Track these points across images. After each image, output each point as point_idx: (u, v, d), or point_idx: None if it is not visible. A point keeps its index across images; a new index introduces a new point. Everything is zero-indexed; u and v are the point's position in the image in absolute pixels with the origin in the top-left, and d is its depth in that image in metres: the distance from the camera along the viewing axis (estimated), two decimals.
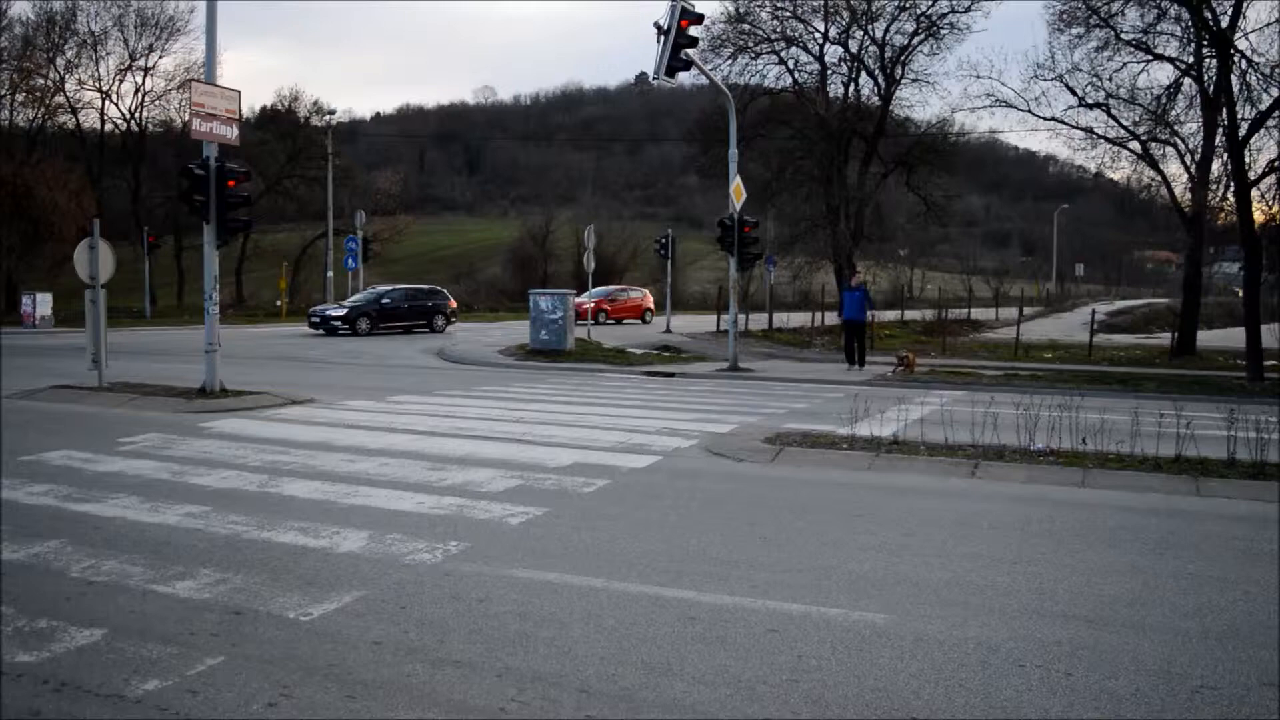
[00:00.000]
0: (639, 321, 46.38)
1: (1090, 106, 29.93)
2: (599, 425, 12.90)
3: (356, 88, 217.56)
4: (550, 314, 26.42)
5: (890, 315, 44.38)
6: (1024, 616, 5.50)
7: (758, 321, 38.95)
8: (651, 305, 48.38)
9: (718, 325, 38.75)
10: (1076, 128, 30.54)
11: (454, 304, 40.43)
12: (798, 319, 40.90)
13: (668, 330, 37.76)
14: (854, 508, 8.38)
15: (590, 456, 10.44)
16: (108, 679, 4.48)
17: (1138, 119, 29.59)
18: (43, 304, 41.18)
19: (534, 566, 6.29)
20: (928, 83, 35.55)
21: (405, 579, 6.03)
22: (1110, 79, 29.37)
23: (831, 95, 35.33)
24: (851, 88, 35.61)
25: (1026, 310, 44.71)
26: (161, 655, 4.76)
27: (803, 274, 41.24)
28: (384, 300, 37.48)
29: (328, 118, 59.35)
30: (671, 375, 21.75)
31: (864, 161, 34.92)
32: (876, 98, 35.16)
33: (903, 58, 34.08)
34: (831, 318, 35.86)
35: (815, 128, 33.95)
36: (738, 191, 22.33)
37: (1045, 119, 31.08)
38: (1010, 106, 30.93)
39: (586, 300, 39.94)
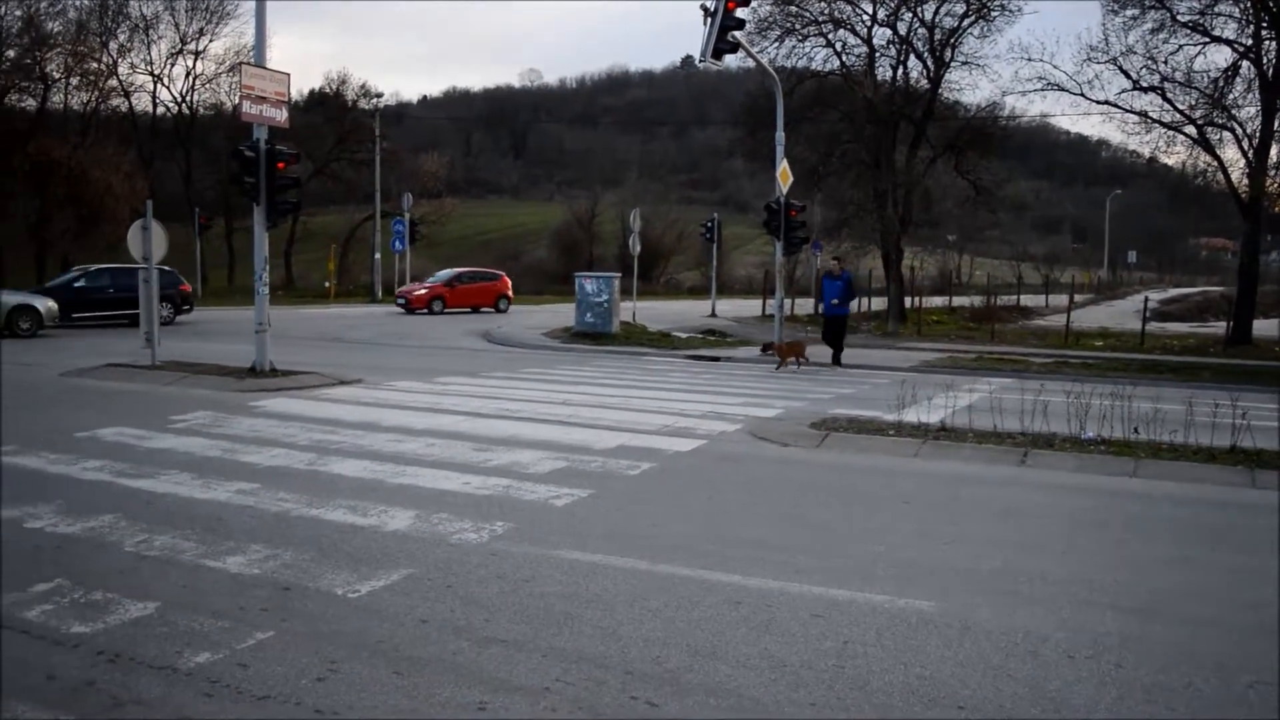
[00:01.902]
0: (492, 310, 39.92)
1: (1145, 90, 29.41)
2: (644, 408, 12.90)
3: (403, 71, 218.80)
4: (595, 297, 26.45)
5: (938, 301, 44.00)
6: (1073, 607, 5.44)
7: (803, 306, 38.71)
8: (509, 290, 41.83)
9: (763, 310, 38.64)
10: (1130, 112, 30.03)
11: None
12: None
13: (713, 314, 37.67)
14: (901, 494, 8.32)
15: (635, 439, 10.45)
16: (161, 651, 4.55)
17: (1194, 103, 29.02)
18: None
19: (579, 548, 6.30)
20: (978, 65, 35.12)
21: (451, 558, 6.07)
22: (1166, 62, 28.84)
23: (879, 78, 34.91)
24: (900, 71, 35.18)
25: (1077, 297, 44.15)
26: (213, 629, 4.83)
27: (849, 259, 40.94)
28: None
29: (375, 101, 59.67)
30: (716, 359, 21.70)
31: (912, 145, 34.49)
32: (925, 81, 34.69)
33: (952, 40, 33.57)
34: (879, 303, 35.58)
35: (863, 111, 33.57)
36: (784, 175, 22.19)
37: (1098, 103, 30.59)
38: (1062, 90, 30.47)
39: (418, 288, 39.49)
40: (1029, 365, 20.64)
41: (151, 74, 57.85)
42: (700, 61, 20.73)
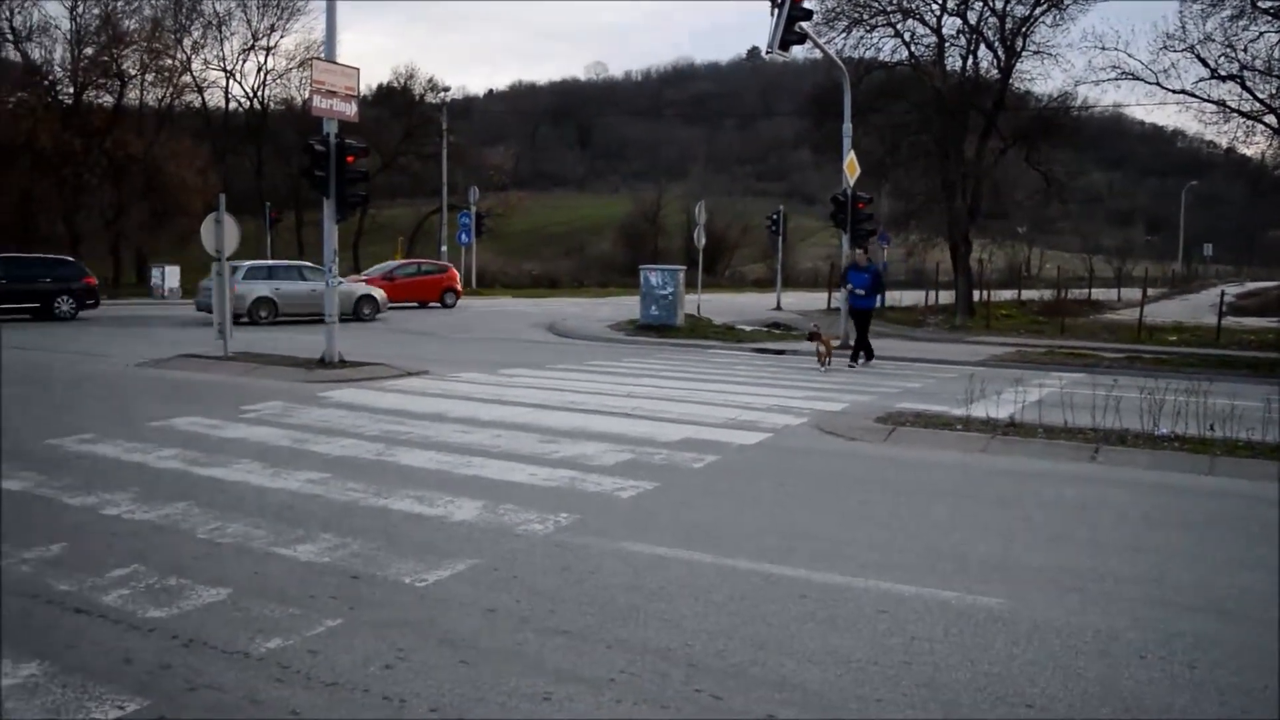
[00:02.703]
0: (438, 305, 36.85)
1: (1223, 78, 28.63)
2: (709, 401, 12.87)
3: (470, 65, 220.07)
4: (660, 289, 26.44)
5: (1007, 295, 43.36)
6: (1145, 606, 5.33)
7: None
8: (456, 284, 38.70)
9: (828, 303, 38.39)
10: (1208, 101, 29.27)
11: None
12: (911, 297, 40.25)
13: (778, 308, 37.49)
14: (969, 490, 8.22)
15: (700, 432, 10.43)
16: (233, 636, 4.63)
17: (1275, 91, 28.22)
18: (171, 276, 42.71)
19: (644, 540, 6.30)
20: (1050, 55, 34.30)
21: (518, 549, 6.10)
22: (1245, 49, 28.03)
23: (949, 68, 34.40)
24: (970, 60, 34.60)
25: (1150, 291, 43.21)
26: (283, 615, 4.91)
27: (917, 251, 40.55)
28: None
29: (442, 95, 60.38)
30: (781, 353, 21.59)
31: (982, 136, 33.93)
32: (996, 70, 34.09)
33: (1024, 29, 32.95)
34: (947, 296, 35.13)
35: (931, 102, 33.12)
36: (851, 167, 22.01)
37: (1174, 92, 29.80)
38: (1137, 79, 29.78)
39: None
40: (1100, 360, 20.26)
41: (224, 70, 59.10)
42: (767, 53, 20.63)
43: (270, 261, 31.15)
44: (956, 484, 8.46)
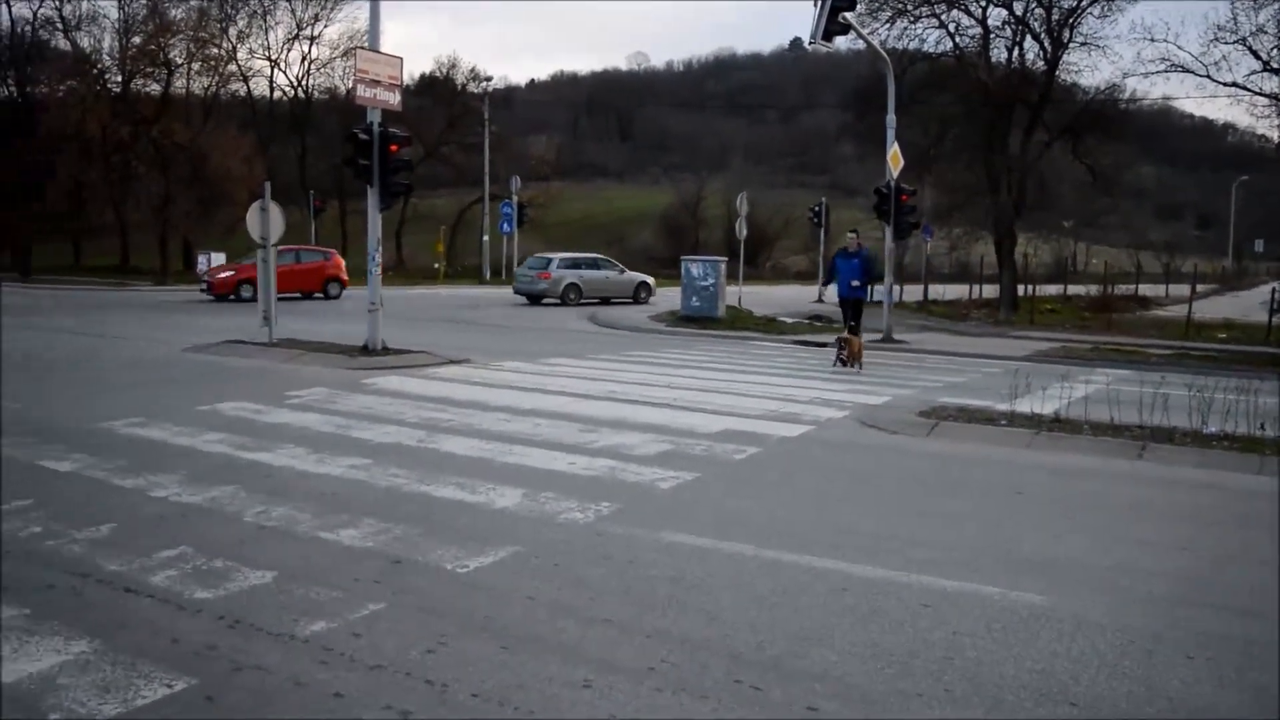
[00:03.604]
0: (321, 296, 33.45)
1: (1275, 71, 28.12)
2: (750, 393, 12.84)
3: (512, 55, 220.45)
4: (701, 281, 26.40)
5: (1052, 290, 42.85)
6: (1192, 607, 5.25)
7: (912, 293, 38.14)
8: (341, 273, 34.90)
9: (870, 296, 38.10)
10: (1260, 94, 28.71)
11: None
12: (954, 291, 39.89)
13: (820, 300, 37.23)
14: (1012, 486, 8.14)
15: (741, 424, 10.41)
16: (278, 618, 4.69)
17: None
18: (217, 263, 43.19)
19: (684, 530, 6.30)
20: (1097, 46, 33.68)
21: (558, 537, 6.12)
22: None
23: (994, 60, 34.00)
24: (1015, 52, 34.15)
25: (1199, 287, 42.53)
26: (327, 599, 4.96)
27: (960, 245, 40.09)
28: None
29: (484, 85, 60.63)
30: (823, 345, 21.42)
31: (1027, 129, 33.50)
32: (1042, 62, 33.60)
33: (1071, 20, 32.48)
34: (991, 290, 34.79)
35: (976, 94, 32.74)
36: (895, 159, 21.82)
37: (1225, 85, 29.24)
38: (1187, 71, 29.28)
39: (225, 270, 33.26)
40: (1147, 357, 20.00)
41: (269, 59, 59.63)
42: (810, 44, 20.51)
43: (575, 255, 36.64)
44: (1000, 480, 8.38)
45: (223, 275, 32.16)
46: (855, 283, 18.15)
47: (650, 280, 35.21)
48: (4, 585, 5.04)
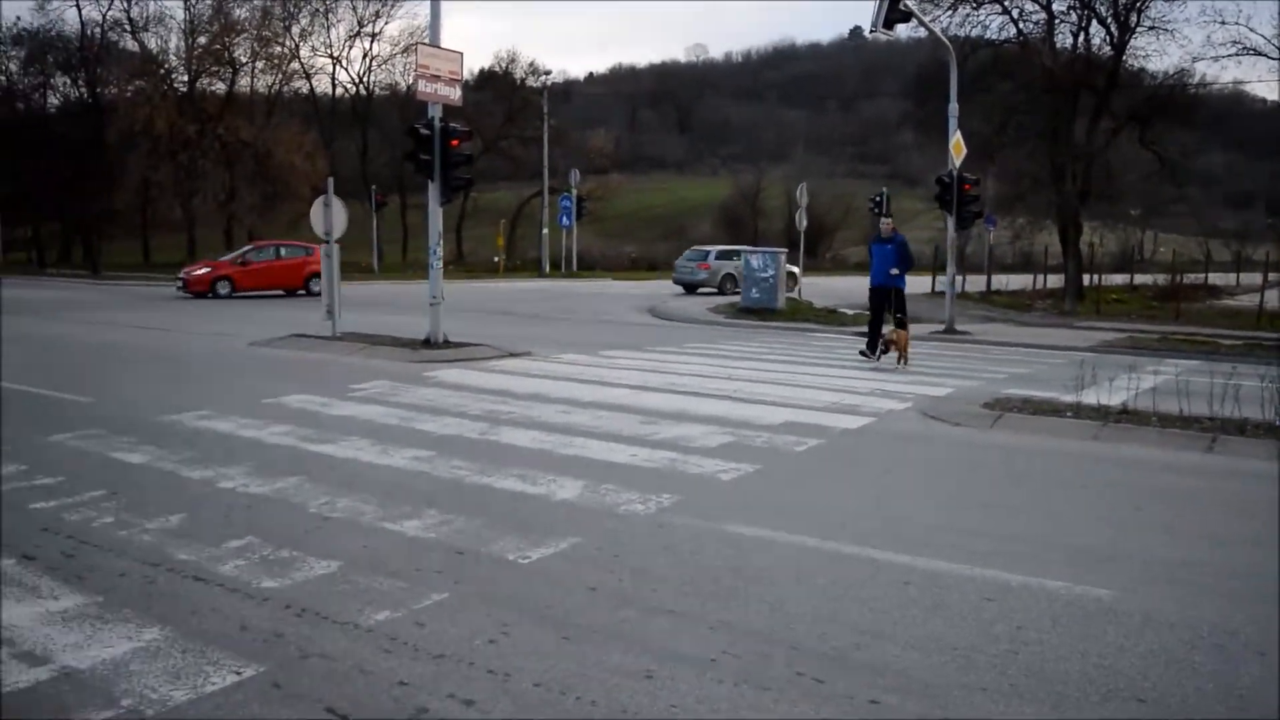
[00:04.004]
0: (303, 292, 31.29)
1: None
2: (811, 385, 12.76)
3: (571, 48, 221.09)
4: (761, 272, 26.29)
5: (1118, 279, 42.12)
6: (1266, 603, 5.10)
7: (974, 283, 37.68)
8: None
9: (932, 286, 37.70)
10: None
11: None
12: (1018, 281, 39.39)
13: None
14: (1078, 478, 8.01)
15: (802, 416, 10.35)
16: (343, 607, 4.74)
17: None
18: None
19: (746, 522, 6.28)
20: (1166, 30, 33.00)
21: (619, 528, 6.13)
22: None
23: (1059, 45, 33.45)
24: (1081, 37, 33.56)
25: (1272, 276, 41.53)
26: (391, 589, 5.01)
27: (1024, 234, 39.54)
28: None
29: (543, 79, 60.79)
30: (880, 338, 21.27)
31: (1093, 116, 32.87)
32: (1108, 47, 32.97)
33: (1138, 3, 31.83)
34: (1055, 280, 34.25)
35: (1041, 80, 32.20)
36: (957, 148, 21.54)
37: None
38: (1259, 54, 28.69)
39: (200, 267, 32.73)
40: (1218, 347, 19.56)
41: (331, 56, 60.61)
42: (870, 32, 20.34)
43: (729, 247, 39.75)
44: (1065, 472, 8.25)
45: (199, 272, 31.61)
46: (894, 270, 16.37)
47: (797, 270, 34.19)
48: (2, 544, 5.28)
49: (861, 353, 16.40)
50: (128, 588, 5.00)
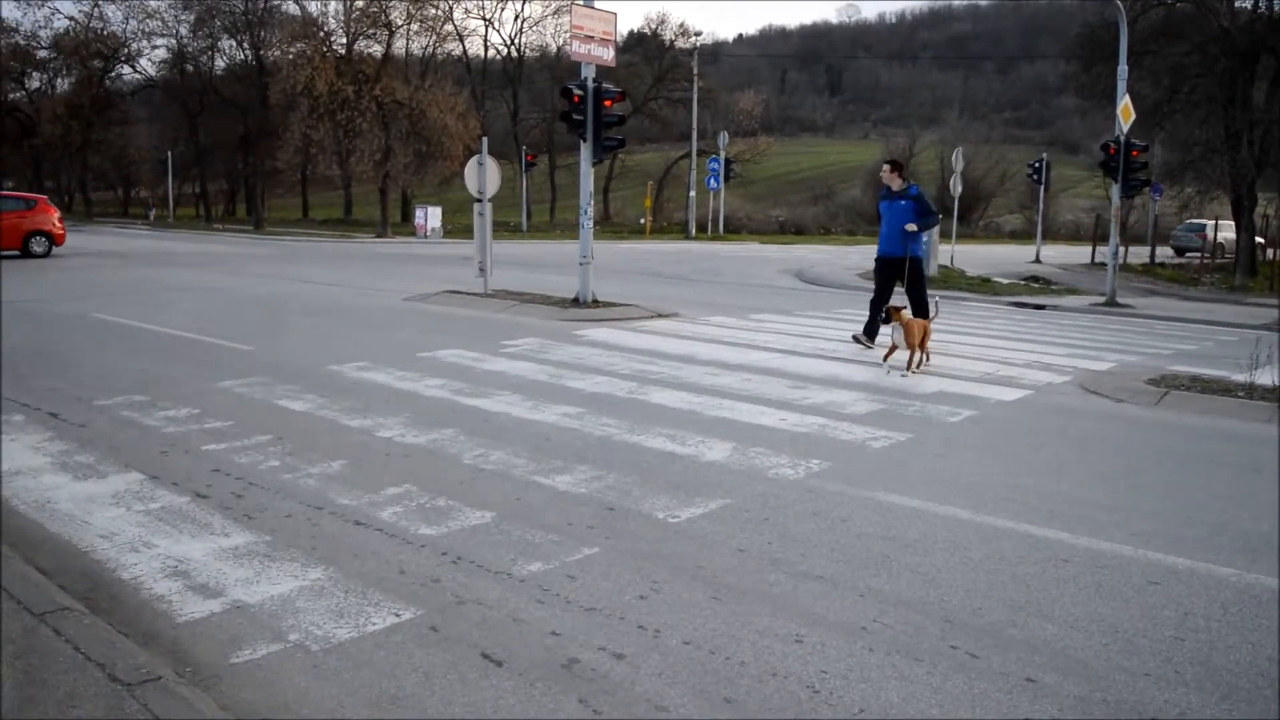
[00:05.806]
0: (18, 254, 25.02)
1: None
2: (964, 355, 12.43)
3: (720, 8, 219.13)
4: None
5: None
6: None
7: (1137, 255, 36.18)
8: (54, 225, 26.21)
9: (1092, 257, 36.38)
10: None
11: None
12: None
13: (1037, 260, 35.83)
14: (1250, 462, 7.62)
15: (955, 385, 10.10)
16: (497, 557, 4.85)
17: None
18: (433, 217, 45.04)
19: (897, 491, 6.17)
20: None
21: (768, 491, 6.10)
22: None
23: (1237, 4, 31.62)
24: None
25: None
26: (543, 541, 5.09)
27: (1192, 205, 37.65)
28: None
29: (693, 40, 60.46)
30: (1041, 307, 20.65)
31: (1274, 80, 31.03)
32: None
33: None
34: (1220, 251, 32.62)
35: (1216, 42, 30.50)
36: (1125, 112, 20.61)
37: None
38: None
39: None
40: None
41: (483, 19, 61.89)
42: None
43: None
44: (1237, 455, 7.86)
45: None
46: (911, 226, 12.28)
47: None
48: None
49: (855, 337, 12.89)
50: (293, 529, 5.20)
